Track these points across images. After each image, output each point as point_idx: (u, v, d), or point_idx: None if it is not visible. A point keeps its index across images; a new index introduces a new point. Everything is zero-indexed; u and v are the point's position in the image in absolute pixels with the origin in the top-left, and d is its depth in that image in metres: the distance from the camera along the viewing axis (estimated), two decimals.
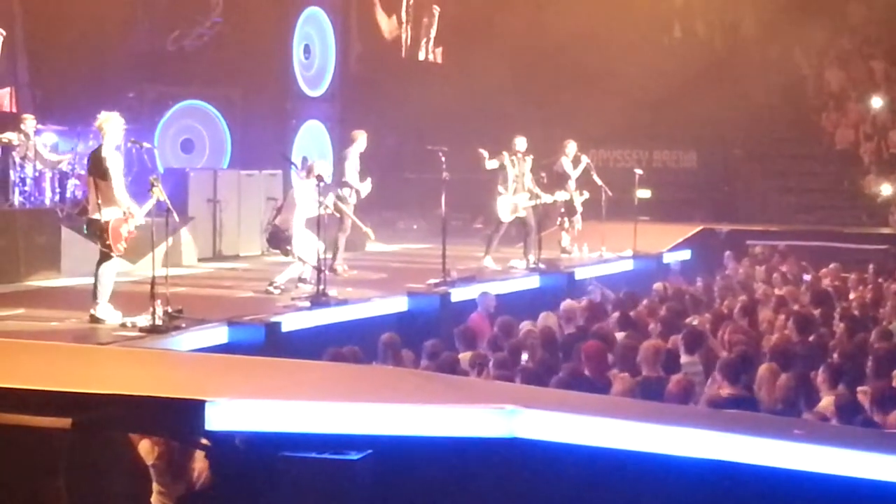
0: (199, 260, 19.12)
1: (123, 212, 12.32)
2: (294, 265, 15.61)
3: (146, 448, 8.30)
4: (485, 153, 18.55)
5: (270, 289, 15.22)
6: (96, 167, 12.37)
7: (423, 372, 10.82)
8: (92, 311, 12.44)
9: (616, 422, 6.67)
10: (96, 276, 12.50)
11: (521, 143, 19.06)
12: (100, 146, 12.50)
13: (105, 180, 12.26)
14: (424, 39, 30.15)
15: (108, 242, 12.27)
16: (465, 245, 20.30)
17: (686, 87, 29.20)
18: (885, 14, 31.15)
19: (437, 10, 29.88)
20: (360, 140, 18.02)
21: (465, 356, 11.61)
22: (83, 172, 15.53)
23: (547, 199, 19.59)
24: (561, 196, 20.31)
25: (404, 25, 29.61)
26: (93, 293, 12.51)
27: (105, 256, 12.47)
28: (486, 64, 27.71)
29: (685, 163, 30.36)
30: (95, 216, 12.29)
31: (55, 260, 16.39)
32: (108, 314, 12.42)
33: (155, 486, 8.47)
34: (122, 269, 13.59)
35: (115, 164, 12.35)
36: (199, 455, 8.10)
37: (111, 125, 12.51)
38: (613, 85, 28.93)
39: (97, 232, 12.33)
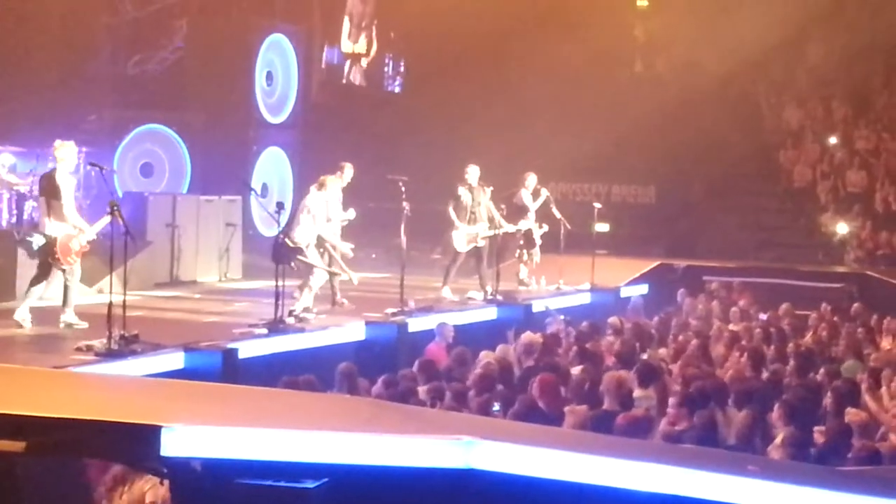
0: (157, 285, 19.00)
1: (74, 226, 13.38)
2: (307, 293, 15.55)
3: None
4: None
5: (291, 318, 14.87)
6: (49, 188, 13.45)
7: (380, 401, 10.79)
8: (63, 318, 13.40)
9: (573, 455, 6.68)
10: (64, 288, 13.51)
11: (472, 171, 19.00)
12: (53, 170, 13.58)
13: (57, 200, 13.31)
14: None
15: (56, 256, 13.26)
16: (424, 275, 20.29)
17: (646, 122, 29.38)
18: (843, 54, 31.49)
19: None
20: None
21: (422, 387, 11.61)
22: None
23: (508, 227, 19.55)
24: (523, 225, 20.27)
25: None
26: (63, 302, 13.50)
27: (50, 272, 13.50)
28: (448, 95, 27.83)
29: (644, 197, 30.52)
30: (47, 232, 13.31)
31: (10, 282, 16.24)
32: (27, 316, 13.43)
33: None
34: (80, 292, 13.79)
35: (66, 186, 13.47)
36: (155, 482, 8.06)
37: (64, 152, 13.55)
38: (573, 119, 29.10)
39: (46, 247, 13.32)
